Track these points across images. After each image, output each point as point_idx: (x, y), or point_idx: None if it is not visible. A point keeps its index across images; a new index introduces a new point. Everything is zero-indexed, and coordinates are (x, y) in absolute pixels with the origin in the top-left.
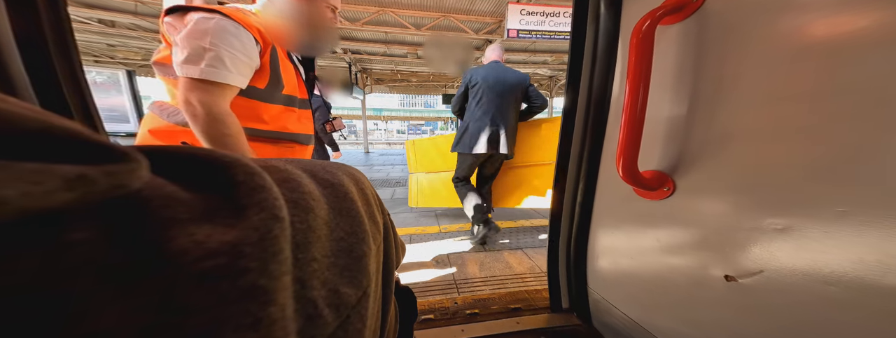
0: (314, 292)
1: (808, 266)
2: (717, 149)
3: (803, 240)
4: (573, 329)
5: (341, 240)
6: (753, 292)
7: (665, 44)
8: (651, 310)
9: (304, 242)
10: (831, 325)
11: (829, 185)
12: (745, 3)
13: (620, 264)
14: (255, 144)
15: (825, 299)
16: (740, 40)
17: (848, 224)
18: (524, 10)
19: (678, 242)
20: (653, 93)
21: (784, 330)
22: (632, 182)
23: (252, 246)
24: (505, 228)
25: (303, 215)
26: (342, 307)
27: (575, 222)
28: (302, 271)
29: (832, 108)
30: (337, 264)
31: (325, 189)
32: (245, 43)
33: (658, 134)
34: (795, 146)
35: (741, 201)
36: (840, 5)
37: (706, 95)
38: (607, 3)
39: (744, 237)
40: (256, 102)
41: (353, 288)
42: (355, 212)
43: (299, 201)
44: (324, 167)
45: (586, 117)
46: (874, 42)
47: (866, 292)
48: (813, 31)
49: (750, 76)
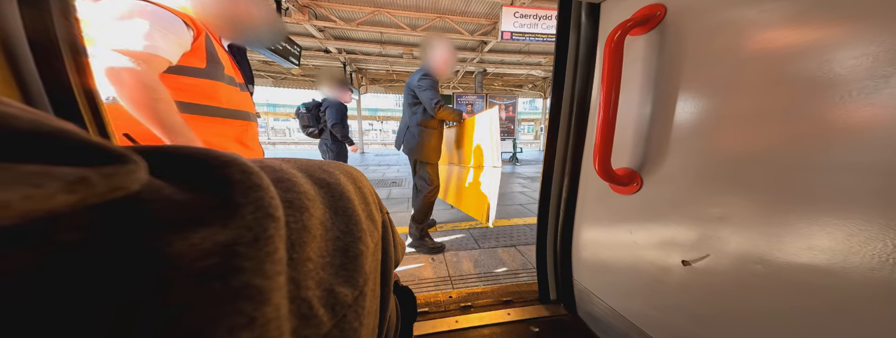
0: (309, 292)
1: (741, 248)
2: (672, 147)
3: (736, 226)
4: (559, 319)
5: (337, 239)
6: (703, 275)
7: (634, 52)
8: (626, 297)
9: (298, 242)
10: (758, 299)
11: (755, 178)
12: (696, 17)
13: (601, 256)
14: (214, 121)
15: (755, 276)
16: (691, 49)
17: (769, 212)
18: (517, 13)
19: (646, 233)
20: (623, 96)
21: (726, 308)
22: (606, 178)
23: (246, 245)
24: (499, 226)
25: (297, 215)
26: (338, 306)
27: (561, 217)
28: (296, 271)
29: (762, 110)
30: (332, 264)
31: (322, 189)
32: (173, 23)
33: (628, 134)
34: (729, 144)
35: (690, 193)
36: (771, 22)
37: (664, 99)
38: (588, 12)
39: (693, 225)
40: (206, 80)
41: (349, 287)
42: (351, 211)
43: (294, 201)
44: (321, 167)
45: (570, 119)
46: (800, 52)
47: (783, 268)
48: (749, 43)
49: (695, 81)
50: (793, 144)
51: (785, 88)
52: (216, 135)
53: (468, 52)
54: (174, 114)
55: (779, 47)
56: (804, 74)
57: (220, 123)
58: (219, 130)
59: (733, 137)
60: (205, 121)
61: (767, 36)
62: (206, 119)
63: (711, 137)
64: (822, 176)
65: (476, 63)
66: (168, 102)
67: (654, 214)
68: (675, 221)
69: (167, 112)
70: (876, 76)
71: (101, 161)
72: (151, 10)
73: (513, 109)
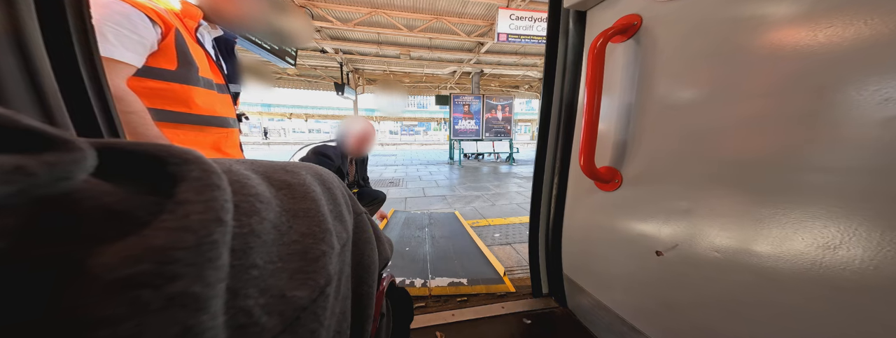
0: (249, 301)
1: (702, 238)
2: (646, 147)
3: (698, 218)
4: (550, 311)
5: (295, 242)
6: (673, 264)
7: (615, 59)
8: (609, 289)
9: (242, 249)
10: (716, 283)
11: (717, 175)
12: (665, 27)
13: (587, 251)
14: (188, 130)
15: (712, 263)
16: (662, 57)
17: (728, 205)
18: (513, 15)
19: (625, 226)
20: (605, 100)
21: (691, 294)
22: (591, 176)
23: (186, 250)
24: (496, 224)
25: (244, 220)
26: (288, 311)
27: (551, 214)
28: (236, 280)
29: (724, 114)
30: (286, 269)
31: (281, 190)
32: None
33: (610, 135)
34: (695, 144)
35: (662, 188)
36: (731, 33)
37: (640, 102)
38: (575, 19)
39: (665, 218)
40: (177, 84)
41: (305, 290)
42: (315, 212)
43: (241, 205)
44: (284, 168)
45: (559, 120)
46: (759, 61)
47: (736, 255)
48: (711, 52)
49: (665, 87)
50: (750, 144)
51: (744, 95)
52: (191, 144)
53: (465, 54)
54: (149, 126)
55: (738, 57)
56: (762, 82)
57: (196, 131)
58: (194, 139)
59: (698, 138)
60: (177, 130)
61: (728, 45)
62: (179, 128)
63: (679, 138)
64: (778, 174)
65: (473, 64)
66: (141, 113)
67: (633, 209)
68: (649, 215)
69: (142, 125)
70: (830, 83)
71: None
72: (104, 3)
73: (509, 109)
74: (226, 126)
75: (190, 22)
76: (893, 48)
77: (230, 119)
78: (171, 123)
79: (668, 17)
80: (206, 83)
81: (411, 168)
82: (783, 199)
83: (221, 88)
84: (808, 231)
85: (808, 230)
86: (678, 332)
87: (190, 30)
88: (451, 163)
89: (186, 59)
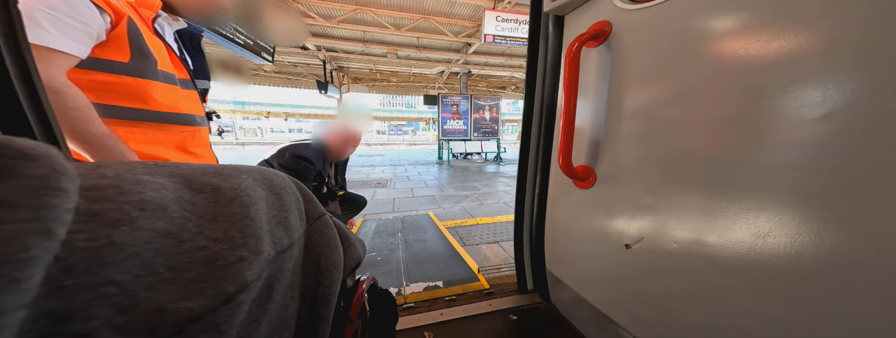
0: (93, 323)
1: (663, 231)
2: (616, 146)
3: (660, 212)
4: (535, 307)
5: (202, 249)
6: (640, 255)
7: (589, 63)
8: (587, 283)
9: (89, 265)
10: (674, 272)
11: (673, 172)
12: (631, 35)
13: (567, 246)
14: (146, 127)
15: (671, 254)
16: (628, 62)
17: (682, 200)
18: (499, 17)
19: (599, 222)
20: (581, 102)
21: (655, 282)
22: (569, 175)
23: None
24: (484, 223)
25: (100, 230)
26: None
27: (534, 212)
28: (71, 302)
29: (682, 116)
30: (177, 279)
31: (201, 194)
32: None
33: (586, 134)
34: (656, 144)
35: (630, 186)
36: (689, 41)
37: (610, 104)
38: (554, 23)
39: (633, 213)
40: (131, 78)
41: (200, 299)
42: (241, 216)
43: (101, 213)
44: (218, 171)
45: (541, 120)
46: (713, 68)
47: (690, 245)
48: (671, 58)
49: (630, 90)
50: (700, 144)
51: (694, 100)
52: (150, 144)
53: (453, 54)
54: (94, 124)
55: (689, 65)
56: (708, 88)
57: (156, 129)
58: (154, 139)
59: (658, 138)
60: (133, 128)
61: (680, 54)
62: (135, 126)
63: (643, 139)
64: (723, 171)
65: (461, 64)
66: (85, 109)
67: (605, 206)
68: (620, 211)
69: (85, 122)
70: (760, 90)
71: None
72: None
73: (496, 109)
74: (191, 124)
75: (146, 12)
76: (806, 61)
77: (197, 117)
78: (125, 120)
79: (633, 25)
80: (166, 78)
81: (400, 168)
82: (726, 193)
83: (186, 84)
84: (745, 221)
85: (745, 221)
86: (644, 319)
87: (146, 20)
88: (440, 163)
89: (141, 50)
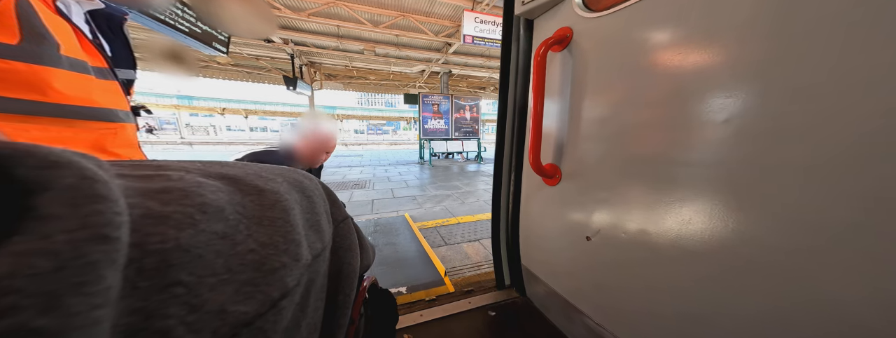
0: (170, 321)
1: (614, 222)
2: (577, 145)
3: (612, 206)
4: (513, 302)
5: (251, 252)
6: (598, 246)
7: (555, 66)
8: (557, 275)
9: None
10: (624, 261)
11: (622, 169)
12: (588, 41)
13: (539, 241)
14: (46, 123)
15: (622, 244)
16: (586, 67)
17: (629, 194)
18: (478, 19)
19: (565, 217)
20: (548, 103)
21: (610, 271)
22: (538, 173)
23: (31, 278)
24: (466, 222)
25: (170, 233)
26: (224, 327)
27: (509, 209)
28: (147, 301)
29: (624, 117)
30: (233, 281)
31: (249, 196)
32: None
33: (552, 134)
34: (607, 143)
35: (589, 182)
36: (640, 50)
37: (572, 106)
38: (525, 27)
39: (591, 207)
40: (21, 64)
41: (252, 304)
42: (283, 222)
43: (170, 216)
44: (259, 173)
45: (514, 121)
46: (658, 75)
47: (636, 235)
48: (624, 65)
49: (587, 93)
50: (643, 143)
51: (637, 103)
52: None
53: (433, 53)
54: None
55: (635, 72)
56: (648, 94)
57: (60, 126)
58: (58, 136)
59: (610, 137)
60: (29, 124)
61: (628, 61)
62: (29, 121)
63: (598, 138)
64: (660, 167)
65: (441, 64)
66: None
67: (569, 201)
68: (581, 205)
69: None
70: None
71: None
72: None
73: (476, 109)
74: (111, 120)
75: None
76: (715, 73)
77: (118, 111)
78: (15, 114)
79: (590, 33)
80: (74, 65)
81: (379, 169)
82: (660, 188)
83: (103, 73)
84: (675, 211)
85: (675, 211)
86: (605, 308)
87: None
88: (422, 162)
89: (36, 31)
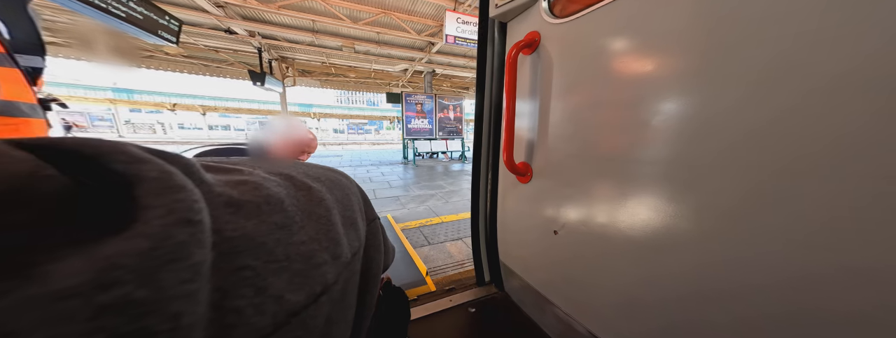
0: (241, 302)
1: (576, 216)
2: (546, 144)
3: (573, 200)
4: (492, 297)
5: (302, 244)
6: (564, 240)
7: (525, 68)
8: (532, 270)
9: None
10: (586, 253)
11: (583, 166)
12: (554, 45)
13: (515, 237)
14: None
15: (584, 234)
16: (552, 70)
17: (589, 190)
18: (460, 19)
19: (536, 213)
20: (519, 104)
21: (576, 263)
22: (512, 171)
23: (135, 256)
24: (449, 221)
25: (241, 222)
26: (280, 314)
27: (487, 206)
28: (225, 280)
29: (584, 118)
30: (289, 269)
31: (301, 191)
32: None
33: (524, 134)
34: (571, 141)
35: (555, 179)
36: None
37: (542, 106)
38: (499, 29)
39: (558, 203)
40: None
41: (301, 295)
42: (326, 220)
43: (244, 206)
44: (306, 171)
45: (490, 121)
46: (615, 80)
47: (595, 228)
48: (585, 69)
49: (553, 95)
50: (603, 142)
51: (600, 104)
52: None
53: (417, 52)
54: None
55: (596, 75)
56: (610, 95)
57: None
58: None
59: (572, 136)
60: None
61: (591, 65)
62: None
63: (563, 137)
64: (616, 165)
65: (425, 63)
66: None
67: (539, 197)
68: (549, 201)
69: None
70: (636, 100)
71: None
72: None
73: (460, 109)
74: (10, 114)
75: None
76: (663, 80)
77: (21, 104)
78: None
79: (555, 37)
80: None
81: (360, 169)
82: (619, 184)
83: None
84: (625, 204)
85: (625, 204)
86: (575, 300)
87: None
88: (406, 162)
89: None
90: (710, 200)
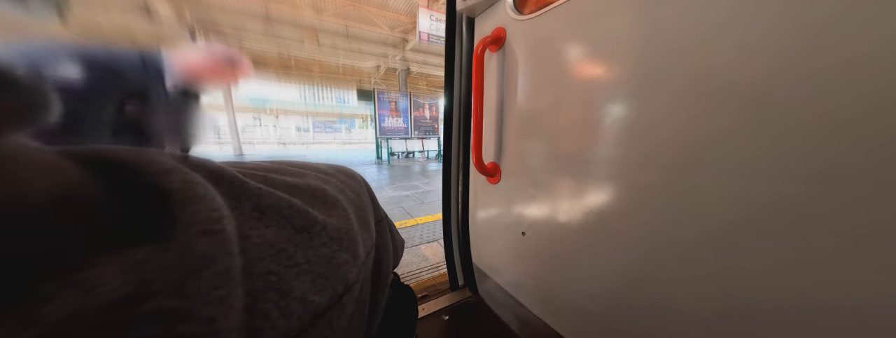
0: (268, 305)
1: (541, 215)
2: (513, 144)
3: (538, 200)
4: (466, 302)
5: (323, 245)
6: (531, 240)
7: (492, 66)
8: (503, 272)
9: (261, 256)
10: (553, 253)
11: (546, 166)
12: (519, 44)
13: (487, 239)
14: None
15: (552, 235)
16: (517, 67)
17: (552, 189)
18: (433, 16)
19: (505, 213)
20: (487, 102)
21: (541, 261)
22: (481, 171)
23: (163, 269)
24: (424, 222)
25: (262, 230)
26: (305, 315)
27: (459, 208)
28: (253, 284)
29: (546, 118)
30: (311, 272)
31: (316, 193)
32: None
33: (492, 133)
34: (535, 141)
35: (522, 179)
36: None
37: (507, 105)
38: (467, 25)
39: (525, 203)
40: None
41: (324, 296)
42: (343, 220)
43: (266, 212)
44: (316, 173)
45: (459, 119)
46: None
47: (555, 227)
48: (548, 68)
49: (518, 93)
50: (563, 142)
51: (560, 104)
52: None
53: (390, 48)
54: None
55: (561, 75)
56: (572, 96)
57: None
58: None
59: (537, 136)
60: None
61: (552, 66)
62: None
63: (529, 137)
64: (577, 164)
65: (399, 60)
66: None
67: (508, 198)
68: (517, 202)
69: None
70: (590, 102)
71: None
72: None
73: (436, 108)
74: None
75: None
76: (612, 83)
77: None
78: None
79: (520, 34)
80: None
81: None
82: (578, 183)
83: None
84: (581, 202)
85: (581, 201)
86: (542, 300)
87: None
88: (380, 162)
89: None
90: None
